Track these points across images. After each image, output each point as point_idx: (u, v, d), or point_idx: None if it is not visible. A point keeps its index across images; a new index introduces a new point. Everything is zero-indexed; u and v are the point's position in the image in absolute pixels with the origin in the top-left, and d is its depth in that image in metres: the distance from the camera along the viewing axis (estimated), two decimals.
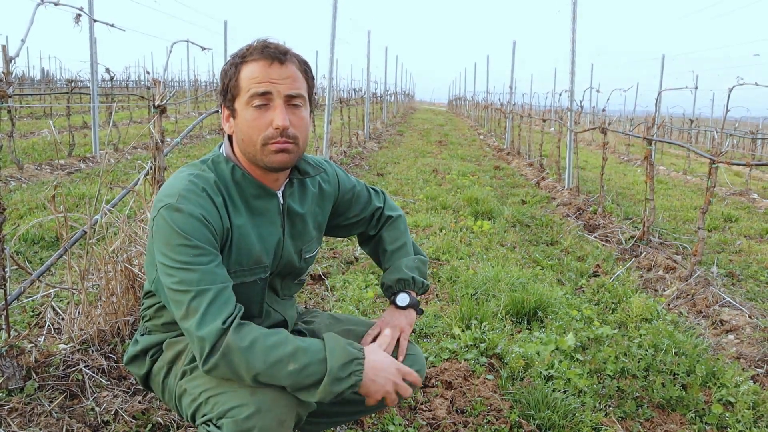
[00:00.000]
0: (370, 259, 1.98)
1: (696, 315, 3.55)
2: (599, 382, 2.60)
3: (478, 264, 4.24)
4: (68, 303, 2.56)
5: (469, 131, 20.48)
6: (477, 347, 2.83)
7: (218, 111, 1.78)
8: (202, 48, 3.29)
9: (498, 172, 9.65)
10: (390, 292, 1.71)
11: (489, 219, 5.81)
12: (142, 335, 1.61)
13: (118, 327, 2.50)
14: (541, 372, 2.64)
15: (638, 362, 2.73)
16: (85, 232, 2.50)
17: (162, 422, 2.07)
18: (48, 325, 2.64)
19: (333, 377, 1.30)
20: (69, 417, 2.02)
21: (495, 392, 2.47)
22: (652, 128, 5.27)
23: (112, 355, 2.40)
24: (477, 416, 2.30)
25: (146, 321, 1.60)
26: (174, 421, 2.08)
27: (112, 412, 2.08)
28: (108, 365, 2.32)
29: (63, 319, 2.60)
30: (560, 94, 16.32)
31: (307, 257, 1.65)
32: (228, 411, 1.32)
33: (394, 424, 2.19)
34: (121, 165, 8.04)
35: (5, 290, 2.12)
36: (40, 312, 2.87)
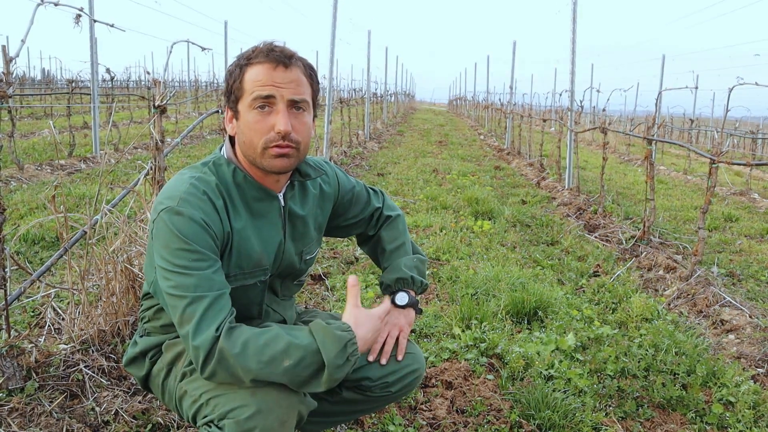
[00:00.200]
0: (370, 259, 1.98)
1: (696, 315, 3.55)
2: (599, 382, 2.60)
3: (479, 264, 4.24)
4: (68, 303, 2.56)
5: (470, 131, 20.47)
6: (477, 347, 2.83)
7: (218, 111, 1.78)
8: (203, 48, 3.29)
9: (498, 172, 9.65)
10: (389, 291, 1.70)
11: (489, 219, 5.81)
12: (141, 337, 1.61)
13: (119, 327, 2.50)
14: (542, 372, 2.64)
15: (638, 362, 2.73)
16: (86, 233, 2.50)
17: (162, 422, 2.07)
18: (48, 326, 2.64)
19: (333, 367, 1.31)
20: (69, 417, 2.02)
21: (495, 392, 2.47)
22: (653, 128, 5.27)
23: (113, 355, 2.40)
24: (477, 416, 2.30)
25: (145, 323, 1.60)
26: (174, 422, 2.08)
27: (113, 412, 2.08)
28: (108, 365, 2.32)
29: (63, 320, 2.60)
30: (560, 94, 16.32)
31: (308, 258, 1.65)
32: (229, 412, 1.32)
33: (394, 424, 2.19)
34: (122, 165, 8.04)
35: (5, 290, 2.12)
36: (41, 312, 2.87)
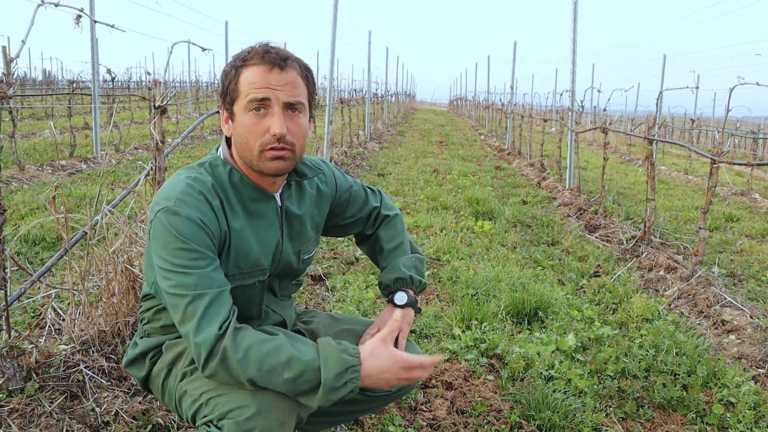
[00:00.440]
0: (369, 259, 1.98)
1: (697, 315, 3.55)
2: (600, 383, 2.60)
3: (479, 264, 4.24)
4: (69, 304, 2.56)
5: (470, 131, 20.47)
6: (477, 348, 2.83)
7: (219, 112, 1.78)
8: (203, 49, 3.29)
9: (499, 173, 9.65)
10: (388, 291, 1.70)
11: (490, 219, 5.81)
12: (141, 338, 1.62)
13: (119, 328, 2.50)
14: (542, 372, 2.64)
15: (639, 363, 2.73)
16: (86, 233, 2.50)
17: (162, 423, 2.07)
18: (48, 326, 2.64)
19: (328, 388, 1.29)
20: (69, 418, 2.03)
21: (495, 393, 2.46)
22: (654, 128, 5.26)
23: (113, 356, 2.40)
24: (477, 417, 2.30)
25: (145, 323, 1.60)
26: (174, 422, 2.08)
27: (113, 413, 2.08)
28: (108, 366, 2.32)
29: (63, 320, 2.60)
30: (561, 94, 16.29)
31: (306, 258, 1.65)
32: (229, 412, 1.32)
33: (394, 425, 2.19)
34: (122, 166, 8.04)
35: (6, 291, 2.12)
36: (41, 313, 2.88)
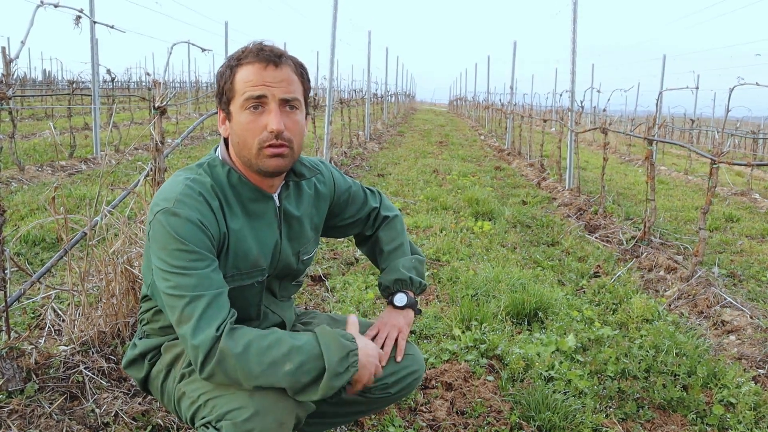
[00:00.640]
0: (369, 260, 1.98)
1: (697, 316, 3.55)
2: (600, 384, 2.60)
3: (479, 265, 4.23)
4: (68, 304, 2.56)
5: (470, 132, 20.47)
6: (477, 348, 2.83)
7: (217, 112, 1.78)
8: (203, 49, 3.29)
9: (499, 173, 9.64)
10: (387, 293, 1.70)
11: (489, 220, 5.81)
12: (141, 339, 1.62)
13: (119, 328, 2.50)
14: (542, 373, 2.63)
15: (639, 363, 2.73)
16: (86, 234, 2.50)
17: (162, 424, 2.07)
18: (48, 327, 2.64)
19: (332, 373, 1.31)
20: (69, 419, 2.02)
21: (495, 393, 2.46)
22: (653, 128, 5.26)
23: (113, 357, 2.40)
24: (477, 417, 2.30)
25: (144, 325, 1.60)
26: (174, 423, 2.08)
27: (113, 414, 2.08)
28: (108, 367, 2.32)
29: (63, 321, 2.60)
30: (561, 95, 16.30)
31: (305, 259, 1.65)
32: (227, 413, 1.32)
33: (394, 426, 2.19)
34: (122, 166, 8.04)
35: (5, 292, 2.12)
36: (41, 314, 2.87)
